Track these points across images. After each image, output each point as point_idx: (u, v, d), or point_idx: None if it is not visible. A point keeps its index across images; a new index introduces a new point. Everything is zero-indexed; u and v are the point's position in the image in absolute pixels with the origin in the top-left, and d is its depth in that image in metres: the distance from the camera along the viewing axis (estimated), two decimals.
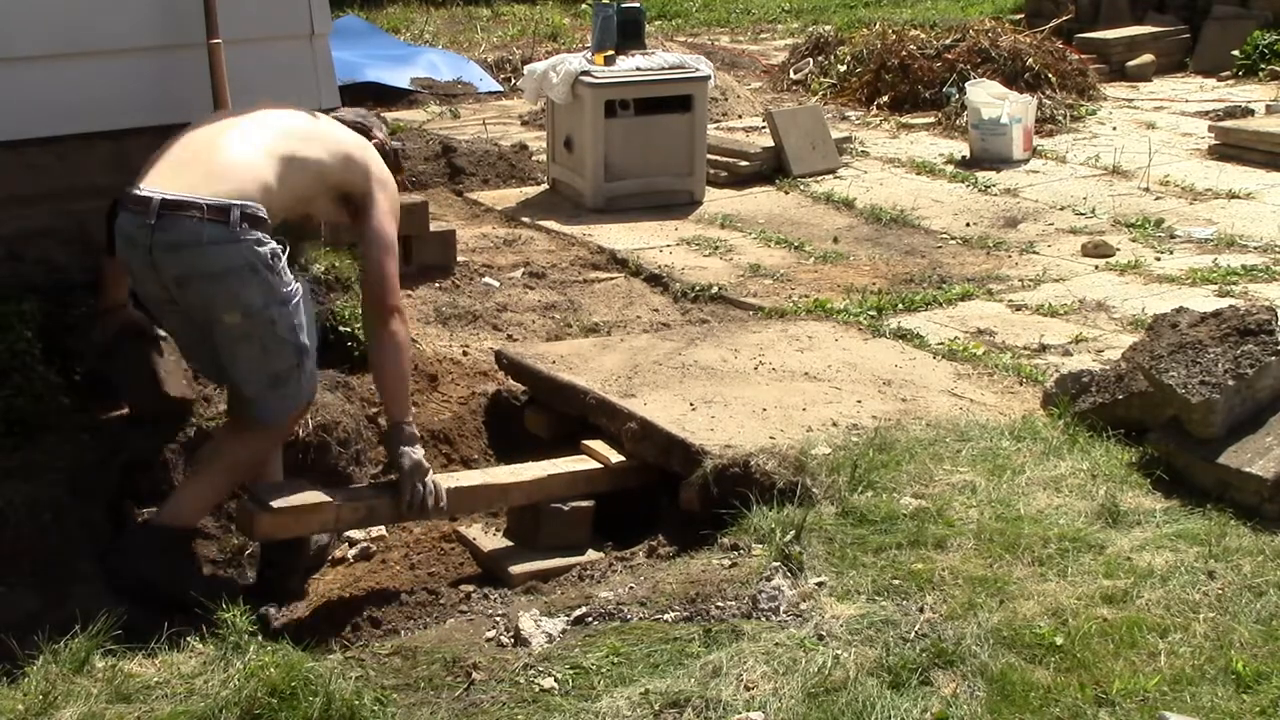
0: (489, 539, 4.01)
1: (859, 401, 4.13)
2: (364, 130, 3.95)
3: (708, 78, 7.02)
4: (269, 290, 3.46)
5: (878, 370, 4.42)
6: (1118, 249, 6.02)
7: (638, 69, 6.87)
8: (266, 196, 3.48)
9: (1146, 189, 7.16)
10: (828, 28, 12.13)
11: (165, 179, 3.48)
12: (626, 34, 7.08)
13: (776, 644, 2.79)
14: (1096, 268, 5.81)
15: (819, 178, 7.54)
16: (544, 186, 7.42)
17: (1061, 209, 6.83)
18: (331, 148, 3.70)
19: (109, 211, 3.61)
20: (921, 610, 2.92)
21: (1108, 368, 4.05)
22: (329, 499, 3.62)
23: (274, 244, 3.47)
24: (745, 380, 4.33)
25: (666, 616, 2.95)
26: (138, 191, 3.46)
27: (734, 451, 3.71)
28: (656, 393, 4.18)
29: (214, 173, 3.47)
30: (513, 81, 10.71)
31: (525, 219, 6.80)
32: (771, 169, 7.56)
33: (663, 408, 4.05)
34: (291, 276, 3.54)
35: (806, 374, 4.38)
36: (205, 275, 3.42)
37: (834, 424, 3.91)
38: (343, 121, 3.93)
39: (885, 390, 4.24)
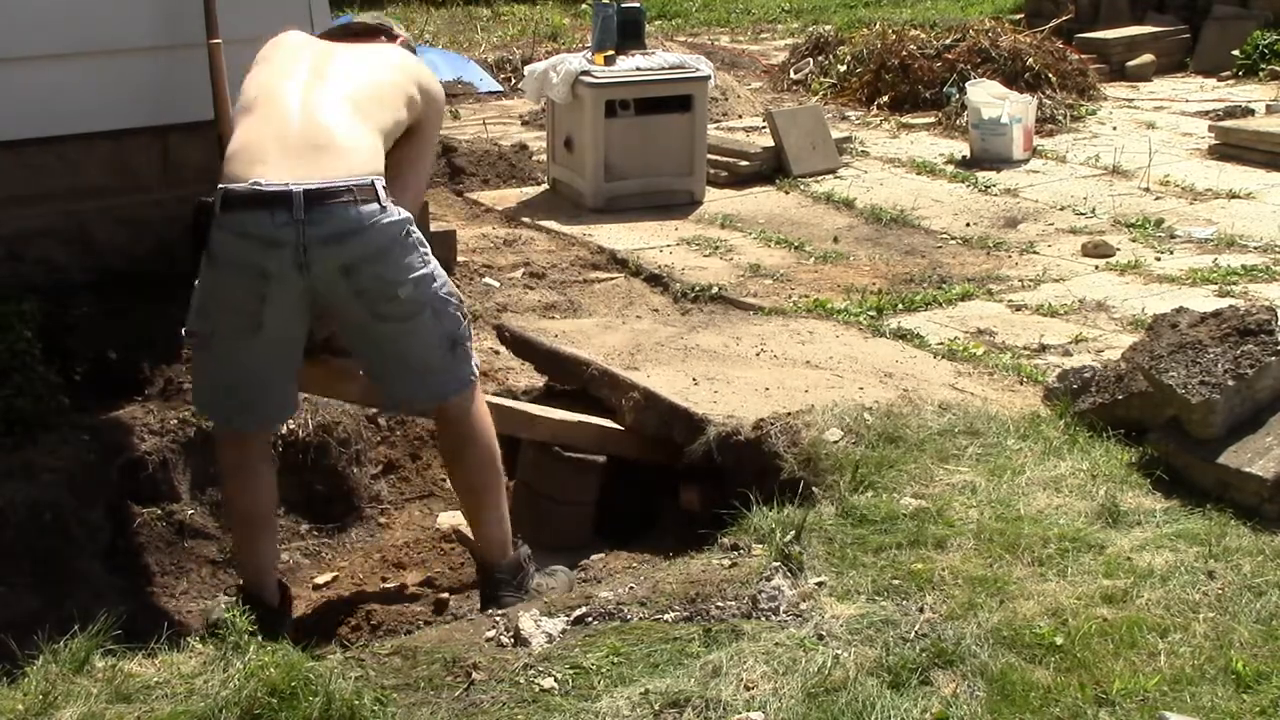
0: None
1: (861, 389, 4.14)
2: (387, 30, 3.76)
3: (708, 78, 7.02)
4: (420, 250, 3.29)
5: (878, 364, 4.43)
6: (1118, 249, 6.02)
7: (638, 69, 6.87)
8: (382, 163, 3.32)
9: (1146, 189, 7.16)
10: (828, 28, 12.13)
11: (288, 168, 3.19)
12: (626, 34, 7.08)
13: (776, 644, 2.79)
14: (1096, 268, 5.81)
15: (819, 178, 7.54)
16: (544, 186, 7.42)
17: (1061, 209, 6.83)
18: (400, 100, 3.47)
19: (197, 216, 3.26)
20: (921, 610, 2.92)
21: (1108, 367, 4.05)
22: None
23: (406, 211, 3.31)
24: (747, 363, 4.35)
25: (666, 616, 2.95)
26: (267, 187, 3.14)
27: (737, 421, 3.75)
28: (659, 368, 4.22)
29: (338, 153, 3.24)
30: (513, 81, 10.72)
31: (525, 219, 6.80)
32: (771, 169, 7.57)
33: (665, 381, 4.10)
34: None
35: (808, 362, 4.39)
36: (374, 256, 3.19)
37: (838, 406, 3.93)
38: (365, 26, 3.76)
39: (886, 381, 4.25)
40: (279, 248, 3.13)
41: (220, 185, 3.21)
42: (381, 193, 3.21)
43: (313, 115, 3.30)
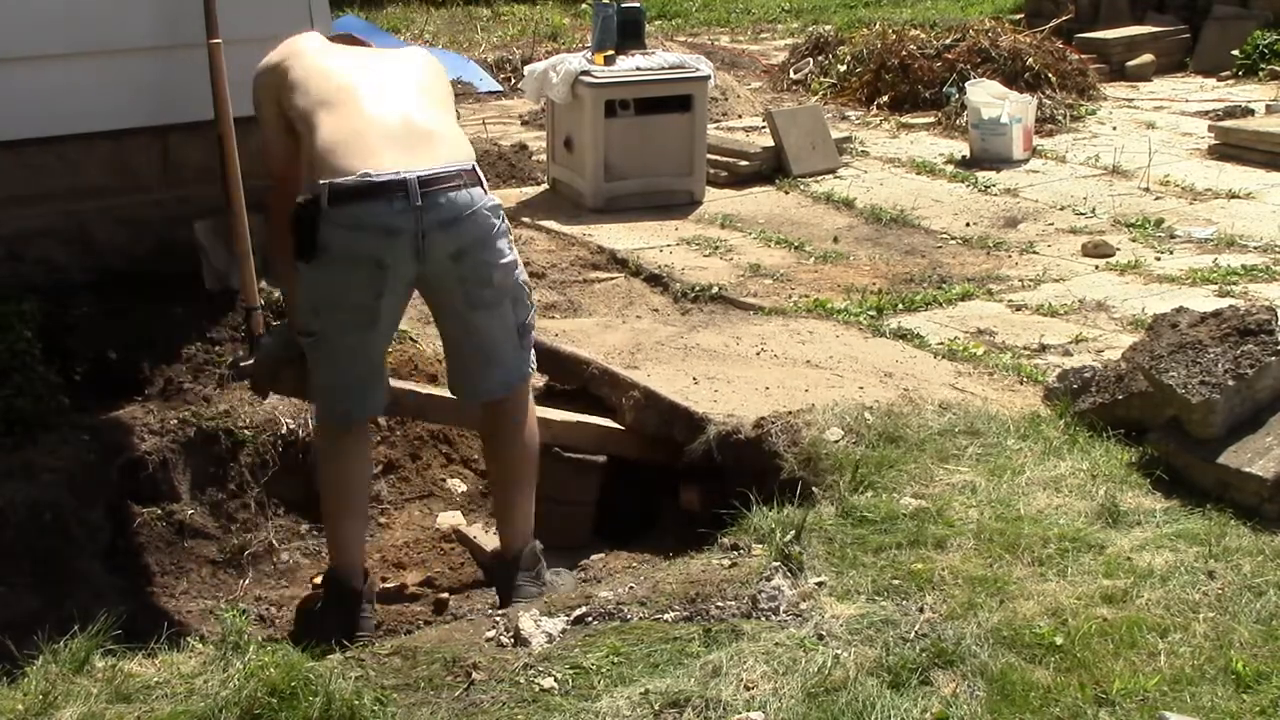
0: (490, 538, 4.01)
1: (861, 388, 4.15)
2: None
3: (708, 78, 7.01)
4: (510, 240, 3.39)
5: (878, 364, 4.44)
6: (1118, 249, 6.02)
7: (638, 69, 6.87)
8: (471, 150, 3.43)
9: (1146, 189, 7.16)
10: (828, 28, 12.14)
11: (395, 158, 3.21)
12: (626, 34, 7.07)
13: (776, 644, 2.79)
14: (1096, 268, 5.81)
15: (819, 178, 7.54)
16: (544, 186, 7.42)
17: (1061, 209, 6.83)
18: (449, 90, 3.64)
19: (301, 214, 3.20)
20: (921, 610, 2.92)
21: (1108, 367, 4.05)
22: None
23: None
24: (747, 363, 4.36)
25: (666, 616, 2.95)
26: (381, 177, 3.15)
27: (737, 420, 3.76)
28: (659, 367, 4.23)
29: (439, 141, 3.31)
30: (513, 81, 10.72)
31: (525, 219, 6.79)
32: (771, 169, 7.56)
33: (665, 380, 4.11)
34: None
35: (808, 362, 4.40)
36: (480, 242, 3.27)
37: (838, 406, 3.93)
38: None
39: (886, 381, 4.26)
40: (397, 235, 3.16)
41: (322, 181, 3.18)
42: (482, 177, 3.32)
43: (403, 107, 3.35)
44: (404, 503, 4.32)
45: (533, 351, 3.54)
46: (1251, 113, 8.66)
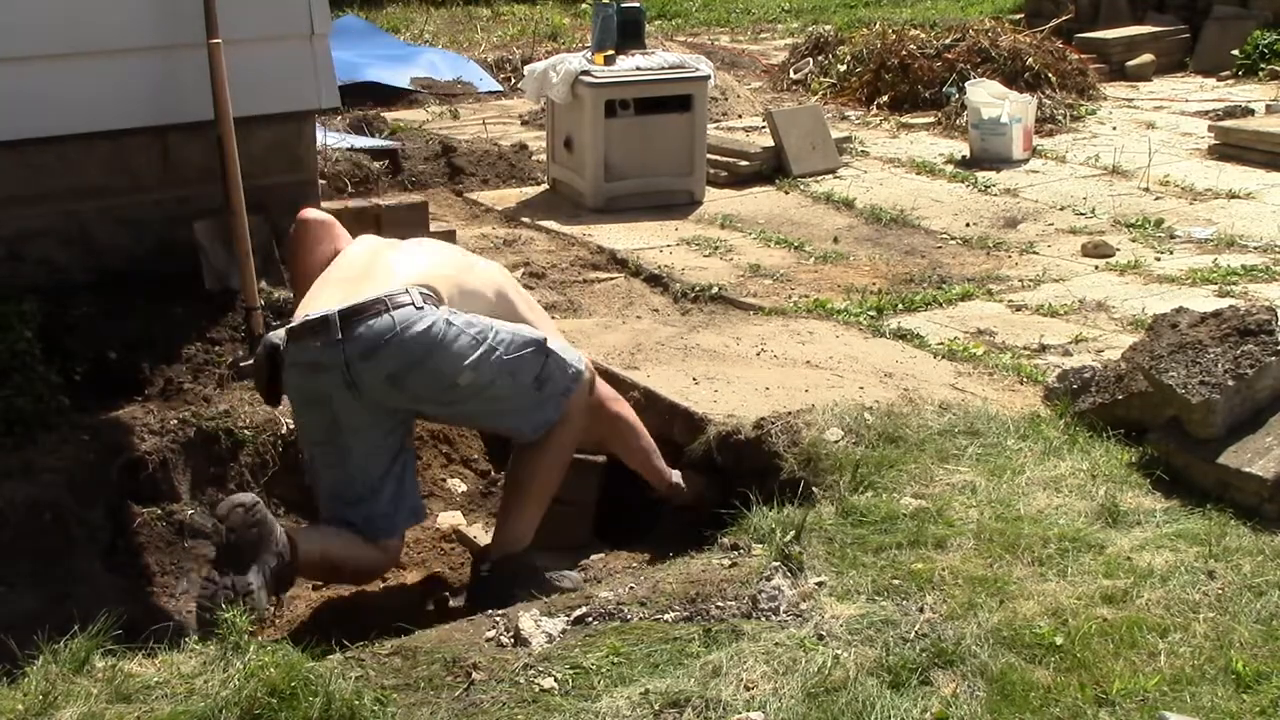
0: (489, 538, 4.01)
1: (861, 388, 4.15)
2: None
3: (708, 78, 7.02)
4: (474, 335, 3.37)
5: (878, 364, 4.44)
6: (1118, 249, 6.02)
7: (638, 69, 6.87)
8: (428, 281, 3.44)
9: (1146, 189, 7.16)
10: (828, 27, 12.14)
11: (330, 299, 3.36)
12: (626, 34, 7.08)
13: (776, 644, 2.79)
14: (1096, 268, 5.81)
15: (819, 178, 7.54)
16: (544, 186, 7.42)
17: (1061, 209, 6.83)
18: (490, 285, 3.65)
19: (265, 359, 3.42)
20: (921, 610, 2.92)
21: (1108, 367, 4.05)
22: None
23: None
24: (747, 363, 4.37)
25: (666, 616, 2.95)
26: (307, 318, 3.33)
27: (737, 420, 3.76)
28: (659, 368, 4.23)
29: (381, 278, 3.39)
30: (513, 81, 10.72)
31: (525, 219, 6.80)
32: (771, 169, 7.56)
33: (666, 380, 4.11)
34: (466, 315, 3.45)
35: (808, 362, 4.40)
36: (415, 362, 3.30)
37: (838, 406, 3.92)
38: None
39: (887, 381, 4.26)
40: (323, 371, 3.29)
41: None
42: (417, 297, 3.29)
43: (372, 260, 3.50)
44: None
45: (561, 392, 3.49)
46: (1251, 113, 8.67)
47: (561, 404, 3.51)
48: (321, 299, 3.41)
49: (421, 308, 3.31)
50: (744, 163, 7.55)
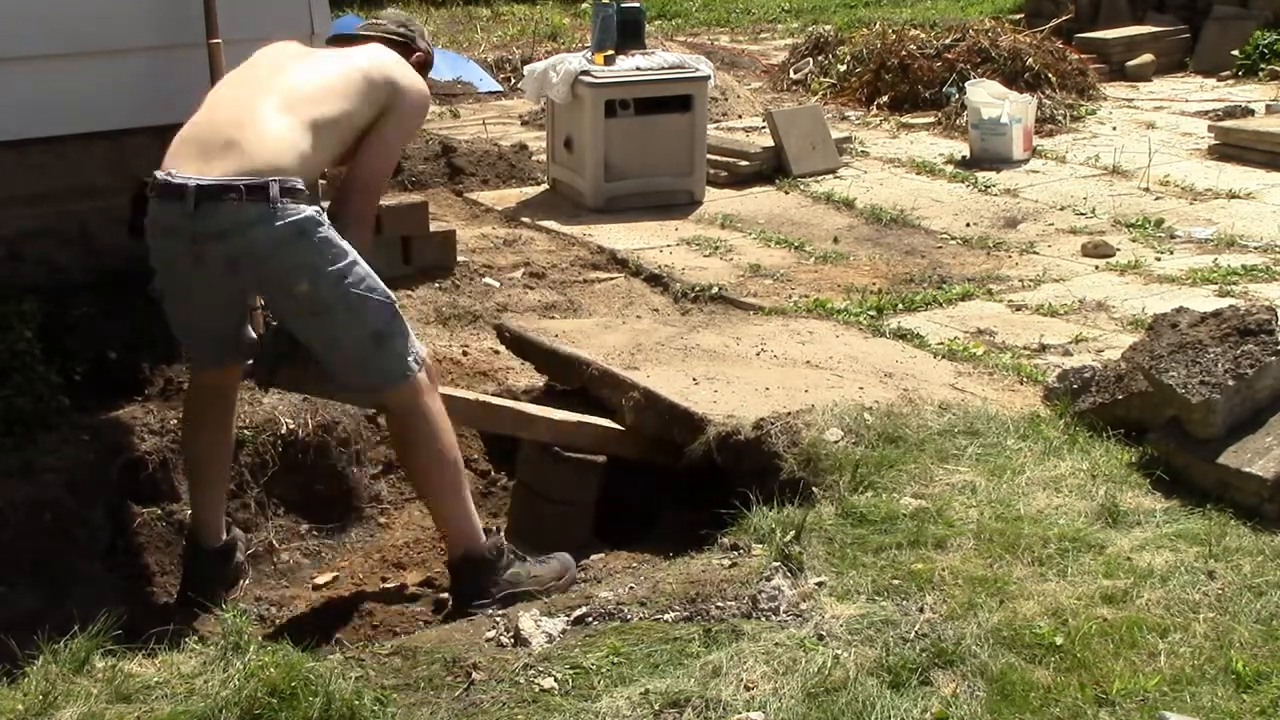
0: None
1: (861, 388, 4.14)
2: (406, 42, 3.79)
3: (708, 78, 7.02)
4: (325, 250, 3.31)
5: (879, 364, 4.44)
6: (1118, 249, 6.02)
7: (638, 69, 6.87)
8: (303, 165, 3.34)
9: (1146, 189, 7.16)
10: (828, 28, 12.14)
11: (196, 162, 3.32)
12: (626, 34, 7.08)
13: (776, 644, 2.79)
14: (1096, 268, 5.81)
15: (819, 178, 7.54)
16: (544, 186, 7.42)
17: (1061, 209, 6.83)
18: (351, 90, 3.50)
19: (136, 195, 3.47)
20: (921, 610, 2.92)
21: (1108, 367, 4.05)
22: None
23: (314, 209, 3.33)
24: (747, 363, 4.36)
25: (666, 616, 2.95)
26: (170, 179, 3.30)
27: (737, 420, 3.76)
28: (659, 368, 4.23)
29: (247, 150, 3.31)
30: (513, 81, 10.72)
31: (525, 219, 6.80)
32: (771, 169, 7.57)
33: (665, 381, 4.11)
34: (340, 239, 3.38)
35: (808, 362, 4.40)
36: (259, 255, 3.27)
37: (838, 406, 3.92)
38: (386, 33, 3.79)
39: (887, 381, 4.26)
40: (174, 235, 3.34)
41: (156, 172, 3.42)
42: (275, 194, 3.26)
43: (232, 111, 3.43)
44: (404, 503, 4.32)
45: (410, 357, 3.43)
46: (1251, 113, 8.67)
47: (400, 369, 3.42)
48: (182, 156, 3.35)
49: (276, 206, 3.24)
50: (744, 163, 7.55)
